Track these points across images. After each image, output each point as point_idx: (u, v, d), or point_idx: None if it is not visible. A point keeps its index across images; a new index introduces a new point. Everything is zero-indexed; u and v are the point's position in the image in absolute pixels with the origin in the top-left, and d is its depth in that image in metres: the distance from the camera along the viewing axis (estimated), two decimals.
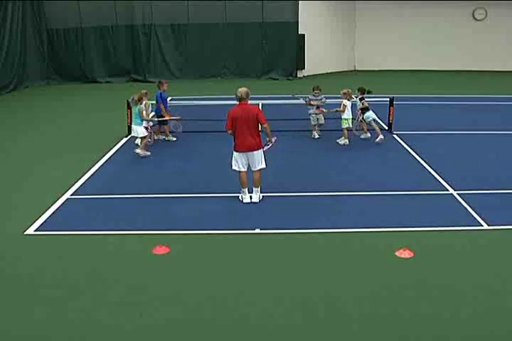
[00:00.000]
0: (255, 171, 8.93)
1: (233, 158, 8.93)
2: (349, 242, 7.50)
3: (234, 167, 8.96)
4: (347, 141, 12.49)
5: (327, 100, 13.28)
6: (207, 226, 8.00)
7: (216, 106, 14.75)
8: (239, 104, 8.75)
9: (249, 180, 9.02)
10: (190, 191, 9.47)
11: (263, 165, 8.96)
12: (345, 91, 12.48)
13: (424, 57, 26.71)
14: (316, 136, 13.16)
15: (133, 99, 11.78)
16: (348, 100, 12.40)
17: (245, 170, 8.92)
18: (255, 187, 8.99)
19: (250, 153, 8.80)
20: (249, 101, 8.85)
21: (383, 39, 26.94)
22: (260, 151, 8.89)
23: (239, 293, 6.21)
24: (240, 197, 9.01)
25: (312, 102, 13.14)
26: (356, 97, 12.89)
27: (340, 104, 12.43)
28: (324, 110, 12.96)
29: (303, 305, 5.94)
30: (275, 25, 23.88)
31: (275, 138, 8.97)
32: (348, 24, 27.11)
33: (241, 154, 8.83)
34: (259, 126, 8.81)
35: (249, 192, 8.99)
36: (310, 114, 13.26)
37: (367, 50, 27.21)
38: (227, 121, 8.76)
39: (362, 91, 12.89)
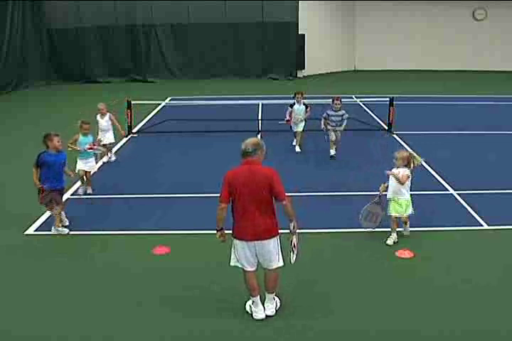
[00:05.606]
0: (269, 270, 5.71)
1: (232, 249, 5.75)
2: (349, 242, 7.50)
3: (233, 262, 5.75)
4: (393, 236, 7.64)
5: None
6: (207, 226, 7.98)
7: (217, 107, 14.72)
8: (243, 163, 5.64)
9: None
10: (190, 191, 9.46)
11: (280, 263, 5.73)
12: (404, 155, 7.45)
13: (424, 57, 26.76)
14: (332, 153, 11.33)
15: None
16: (408, 168, 7.40)
17: (252, 269, 5.69)
18: (269, 293, 5.80)
19: (259, 242, 5.56)
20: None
21: (383, 39, 26.99)
22: (275, 239, 5.65)
23: (239, 292, 6.21)
24: (249, 309, 5.77)
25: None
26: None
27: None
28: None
29: (302, 305, 5.96)
30: (275, 25, 23.92)
31: (297, 232, 5.77)
32: (348, 24, 27.15)
33: (244, 244, 5.61)
34: (274, 199, 5.56)
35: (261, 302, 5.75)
36: (328, 130, 11.15)
37: (367, 50, 27.25)
38: (222, 188, 5.60)
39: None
